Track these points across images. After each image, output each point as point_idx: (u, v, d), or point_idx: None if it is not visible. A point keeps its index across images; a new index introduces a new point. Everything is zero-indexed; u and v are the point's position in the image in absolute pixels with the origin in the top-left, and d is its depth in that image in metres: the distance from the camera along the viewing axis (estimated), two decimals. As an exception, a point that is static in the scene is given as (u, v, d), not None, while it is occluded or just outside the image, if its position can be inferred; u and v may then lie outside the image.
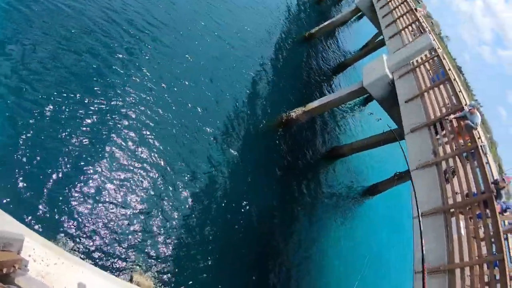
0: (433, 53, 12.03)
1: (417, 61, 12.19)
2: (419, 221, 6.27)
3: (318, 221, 15.08)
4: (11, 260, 2.33)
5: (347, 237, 16.38)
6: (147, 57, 11.91)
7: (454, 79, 10.60)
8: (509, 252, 11.14)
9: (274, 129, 15.19)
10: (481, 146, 8.00)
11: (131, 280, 7.91)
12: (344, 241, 16.01)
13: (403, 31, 15.01)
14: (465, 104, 9.95)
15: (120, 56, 11.13)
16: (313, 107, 15.29)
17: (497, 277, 6.16)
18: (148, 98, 10.90)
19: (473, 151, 8.04)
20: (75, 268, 2.91)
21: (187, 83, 12.46)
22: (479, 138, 8.79)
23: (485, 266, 6.27)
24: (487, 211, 6.94)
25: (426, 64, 11.87)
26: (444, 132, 9.24)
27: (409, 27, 15.12)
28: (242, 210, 11.56)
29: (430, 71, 11.71)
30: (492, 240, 6.48)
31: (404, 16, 16.16)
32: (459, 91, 9.89)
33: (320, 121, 18.88)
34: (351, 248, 16.19)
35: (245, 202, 11.77)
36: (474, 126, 8.55)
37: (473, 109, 8.74)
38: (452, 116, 9.05)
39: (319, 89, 20.78)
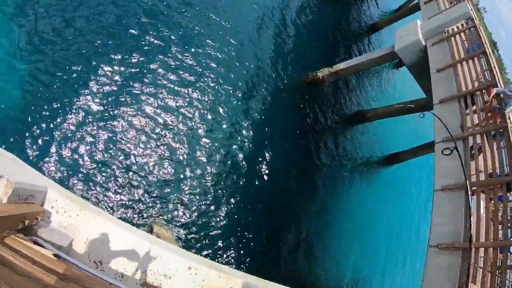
0: (470, 23, 11.15)
1: (452, 29, 11.34)
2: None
3: (335, 185, 15.11)
4: (33, 212, 2.39)
5: (362, 202, 16.42)
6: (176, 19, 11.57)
7: (490, 53, 9.83)
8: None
9: (299, 88, 14.89)
10: (511, 126, 7.54)
11: (151, 232, 8.17)
12: (359, 206, 16.09)
13: (441, -3, 13.93)
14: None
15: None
16: (340, 68, 14.88)
17: (510, 262, 6.04)
18: (173, 59, 10.67)
19: (502, 130, 7.61)
20: (97, 219, 2.98)
21: (211, 43, 12.08)
22: (509, 118, 8.25)
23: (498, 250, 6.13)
24: (509, 194, 6.67)
25: (462, 34, 11.03)
26: (474, 107, 8.74)
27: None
28: (261, 169, 11.66)
29: (466, 42, 10.91)
30: (510, 224, 6.28)
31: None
32: (494, 67, 9.17)
33: (346, 83, 18.25)
34: (365, 215, 16.29)
35: (264, 161, 11.84)
36: (505, 108, 7.99)
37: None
38: (493, 90, 8.39)
39: (347, 50, 19.86)
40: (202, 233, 9.36)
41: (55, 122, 7.92)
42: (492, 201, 6.94)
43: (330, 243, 13.66)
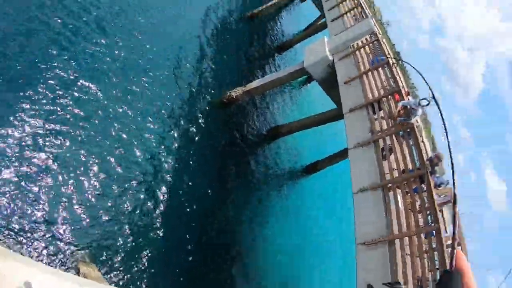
0: (373, 37, 12.50)
1: (357, 44, 12.60)
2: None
3: (259, 200, 15.42)
4: None
5: (287, 214, 17.03)
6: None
7: (393, 64, 11.15)
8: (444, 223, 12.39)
9: (215, 110, 14.90)
10: (417, 126, 8.56)
11: (78, 273, 7.55)
12: (285, 218, 16.63)
13: (345, 15, 15.45)
14: (408, 94, 10.50)
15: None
16: (253, 87, 15.25)
17: (434, 245, 6.74)
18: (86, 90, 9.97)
19: (409, 130, 8.60)
20: (21, 266, 2.61)
21: (124, 71, 11.51)
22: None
23: (422, 236, 6.81)
24: (423, 185, 7.52)
25: (366, 47, 12.30)
26: (381, 112, 9.73)
27: (351, 11, 15.58)
28: (183, 198, 11.33)
29: (370, 54, 12.20)
30: (428, 212, 7.07)
31: (347, 0, 16.60)
32: (397, 74, 10.43)
33: (261, 100, 18.96)
34: (292, 225, 16.89)
35: (185, 191, 11.52)
36: (411, 119, 8.67)
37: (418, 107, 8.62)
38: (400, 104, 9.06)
39: (260, 69, 20.77)
40: (129, 265, 8.82)
41: None
42: (408, 194, 7.75)
43: (262, 257, 13.81)
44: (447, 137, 5.71)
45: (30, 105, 8.37)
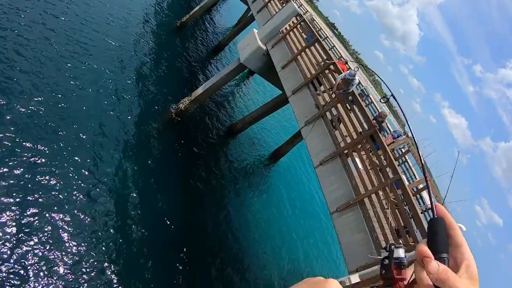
0: (299, 18, 12.98)
1: (286, 29, 13.05)
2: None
3: (235, 198, 15.63)
4: None
5: (266, 202, 17.43)
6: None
7: (325, 38, 11.69)
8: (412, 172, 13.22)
9: (166, 126, 14.67)
10: (362, 90, 9.11)
11: None
12: (264, 207, 17.01)
13: (269, 3, 15.86)
14: (345, 63, 11.08)
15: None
16: (199, 94, 15.33)
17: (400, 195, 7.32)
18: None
19: (350, 96, 9.18)
20: None
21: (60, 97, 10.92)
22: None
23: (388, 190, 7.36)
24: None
25: (295, 30, 12.74)
26: (322, 87, 10.27)
27: (273, -1, 15.99)
28: (154, 222, 11.02)
29: (303, 33, 12.68)
30: (388, 168, 7.66)
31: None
32: (330, 48, 10.99)
33: (212, 105, 19.08)
34: (272, 210, 17.32)
35: (155, 214, 11.25)
36: (349, 89, 9.24)
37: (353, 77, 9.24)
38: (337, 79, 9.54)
39: (201, 75, 20.85)
40: None
41: None
42: (364, 155, 8.32)
43: (248, 250, 14.07)
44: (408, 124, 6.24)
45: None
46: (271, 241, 15.65)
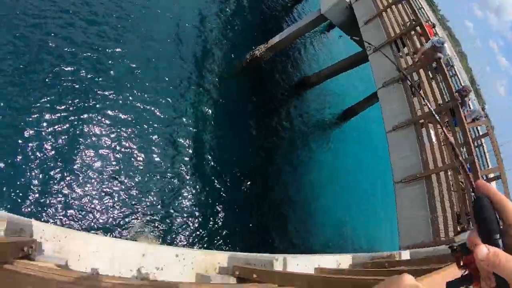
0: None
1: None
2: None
3: (301, 154, 15.66)
4: (28, 241, 2.50)
5: (330, 161, 17.24)
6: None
7: None
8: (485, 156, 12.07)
9: (240, 72, 14.81)
10: (447, 59, 8.23)
11: None
12: (327, 165, 16.88)
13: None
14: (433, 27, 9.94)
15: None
16: (276, 42, 14.94)
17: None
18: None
19: (435, 63, 8.30)
20: (84, 238, 3.08)
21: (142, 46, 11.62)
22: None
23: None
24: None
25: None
26: (405, 49, 9.42)
27: None
28: (224, 163, 11.69)
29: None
30: (464, 147, 7.00)
31: None
32: (419, 9, 9.89)
33: (286, 55, 18.61)
34: (336, 170, 17.14)
35: (225, 156, 11.88)
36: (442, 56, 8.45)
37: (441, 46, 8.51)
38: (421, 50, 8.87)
39: (279, 23, 20.16)
40: (185, 234, 9.51)
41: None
42: (440, 129, 7.65)
43: (312, 208, 14.28)
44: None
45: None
46: (326, 199, 15.64)
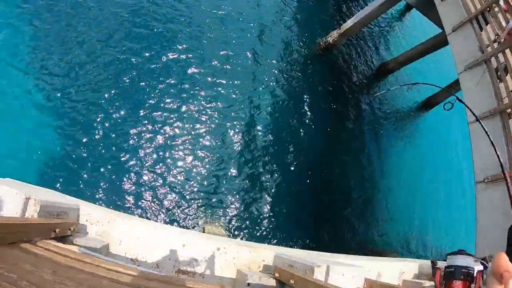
0: None
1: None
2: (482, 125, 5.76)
3: (378, 142, 14.90)
4: (64, 223, 2.71)
5: (407, 153, 16.03)
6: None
7: None
8: None
9: (313, 59, 14.55)
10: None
11: (203, 231, 8.54)
12: (403, 157, 15.73)
13: None
14: None
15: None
16: (349, 26, 14.31)
17: None
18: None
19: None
20: (128, 223, 3.23)
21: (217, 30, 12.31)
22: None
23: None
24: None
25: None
26: (488, 27, 8.22)
27: None
28: (296, 148, 11.76)
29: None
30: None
31: None
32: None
33: (360, 40, 17.70)
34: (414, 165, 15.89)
35: (297, 140, 11.93)
36: None
37: None
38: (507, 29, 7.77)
39: (352, 5, 19.13)
40: (252, 222, 9.67)
41: (87, 152, 8.51)
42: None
43: (377, 204, 13.51)
44: None
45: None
46: (399, 193, 14.57)
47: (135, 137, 9.09)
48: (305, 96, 13.18)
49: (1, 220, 2.10)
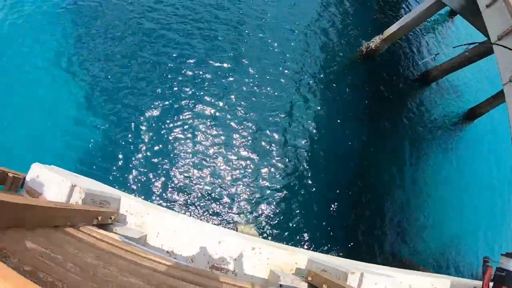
0: None
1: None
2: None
3: (417, 151, 14.49)
4: (106, 212, 2.90)
5: (447, 165, 15.40)
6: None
7: None
8: None
9: (354, 64, 14.56)
10: None
11: (236, 231, 8.81)
12: (443, 169, 15.13)
13: None
14: None
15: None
16: (392, 32, 14.13)
17: None
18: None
19: None
20: (167, 216, 3.33)
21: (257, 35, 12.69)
22: None
23: None
24: None
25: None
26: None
27: None
28: (332, 153, 11.76)
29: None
30: None
31: None
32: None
33: (403, 46, 17.32)
34: (450, 177, 15.24)
35: (334, 145, 11.95)
36: None
37: None
38: None
39: (396, 10, 18.75)
40: (284, 225, 9.75)
41: (130, 146, 9.04)
42: None
43: (421, 214, 13.09)
44: None
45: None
46: (434, 207, 13.99)
47: (174, 139, 9.55)
48: (343, 103, 13.16)
49: (48, 203, 2.33)
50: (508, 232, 15.64)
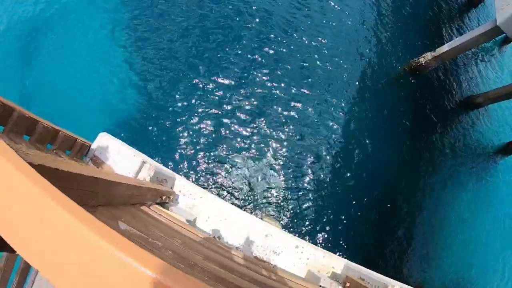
0: None
1: None
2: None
3: (449, 179, 14.10)
4: (168, 191, 3.08)
5: (479, 199, 14.86)
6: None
7: None
8: None
9: (400, 79, 14.28)
10: None
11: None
12: (474, 203, 14.60)
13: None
14: None
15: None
16: (444, 51, 13.68)
17: None
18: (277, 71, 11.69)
19: None
20: (216, 203, 3.49)
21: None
22: None
23: None
24: None
25: None
26: None
27: None
28: (363, 166, 11.59)
29: None
30: None
31: None
32: None
33: (452, 67, 16.81)
34: (482, 212, 14.71)
35: (365, 158, 11.77)
36: None
37: None
38: None
39: (449, 29, 18.19)
40: (308, 227, 9.88)
41: (176, 129, 9.46)
42: None
43: (447, 244, 12.77)
44: None
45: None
46: (469, 239, 13.56)
47: (215, 132, 9.86)
48: (388, 115, 13.06)
49: (137, 182, 2.53)
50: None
